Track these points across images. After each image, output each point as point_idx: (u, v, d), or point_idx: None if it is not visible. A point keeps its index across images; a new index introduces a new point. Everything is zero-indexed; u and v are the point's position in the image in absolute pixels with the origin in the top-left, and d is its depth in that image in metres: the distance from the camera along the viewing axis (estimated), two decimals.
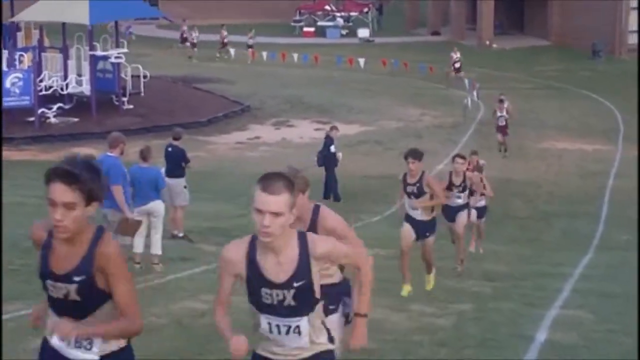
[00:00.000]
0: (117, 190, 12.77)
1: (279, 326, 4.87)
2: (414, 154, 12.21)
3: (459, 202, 15.20)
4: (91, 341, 4.63)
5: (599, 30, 51.03)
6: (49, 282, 4.63)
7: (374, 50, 52.34)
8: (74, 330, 4.53)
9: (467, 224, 16.00)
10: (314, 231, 6.36)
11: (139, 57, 38.17)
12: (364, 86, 41.63)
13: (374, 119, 35.24)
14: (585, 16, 52.23)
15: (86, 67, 32.62)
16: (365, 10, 61.97)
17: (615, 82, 44.58)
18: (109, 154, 13.01)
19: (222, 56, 48.59)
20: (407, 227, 12.62)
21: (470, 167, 17.18)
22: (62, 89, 32.62)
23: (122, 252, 4.71)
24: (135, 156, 14.82)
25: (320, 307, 4.99)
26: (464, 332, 10.43)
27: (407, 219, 12.67)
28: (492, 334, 10.26)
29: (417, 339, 9.96)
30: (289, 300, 4.81)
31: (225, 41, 48.86)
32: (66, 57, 32.98)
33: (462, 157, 15.62)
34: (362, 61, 44.77)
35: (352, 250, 5.28)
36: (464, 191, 15.24)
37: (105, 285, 4.58)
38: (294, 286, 4.80)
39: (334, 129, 25.00)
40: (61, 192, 4.43)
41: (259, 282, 4.82)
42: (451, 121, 35.28)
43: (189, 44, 49.28)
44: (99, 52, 32.88)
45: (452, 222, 15.40)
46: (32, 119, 30.92)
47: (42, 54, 33.13)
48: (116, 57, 32.81)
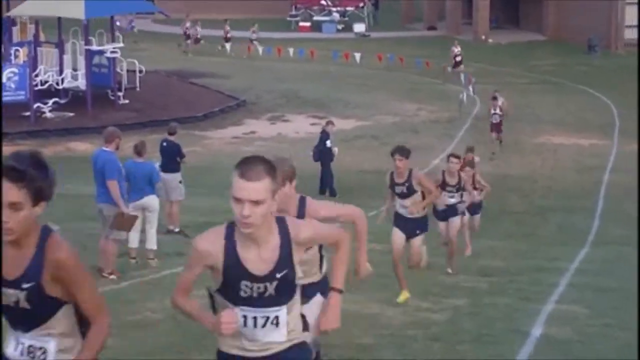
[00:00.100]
0: (112, 185, 12.76)
1: (255, 318, 4.53)
2: (402, 151, 11.54)
3: (452, 201, 14.99)
4: (45, 350, 4.29)
5: (594, 25, 51.03)
6: None
7: (370, 45, 52.30)
8: None
9: (461, 229, 15.90)
10: None
11: (134, 52, 38.13)
12: (360, 81, 41.61)
13: (370, 114, 35.23)
14: (581, 11, 52.22)
15: (82, 61, 32.60)
16: (361, 5, 61.98)
17: (611, 76, 44.57)
18: (105, 149, 13.01)
19: (223, 51, 48.19)
20: (397, 235, 11.95)
21: (462, 164, 17.01)
22: (57, 84, 32.59)
23: (74, 252, 4.28)
24: (130, 151, 14.80)
25: (298, 293, 4.67)
26: (459, 327, 10.43)
27: (397, 219, 12.07)
28: (487, 329, 10.25)
29: (412, 333, 9.95)
30: (270, 291, 4.50)
31: (228, 36, 48.62)
32: (62, 52, 32.95)
33: (457, 157, 15.38)
34: (358, 56, 44.73)
35: (334, 229, 5.00)
36: (457, 191, 15.03)
37: (59, 292, 4.23)
38: (277, 277, 4.49)
39: (330, 123, 25.00)
40: (6, 191, 4.04)
41: (239, 275, 4.47)
42: (447, 116, 35.27)
43: (190, 39, 49.06)
44: (94, 47, 32.85)
45: (443, 221, 15.27)
46: (28, 113, 30.90)
47: (38, 49, 33.11)
48: (112, 52, 32.79)
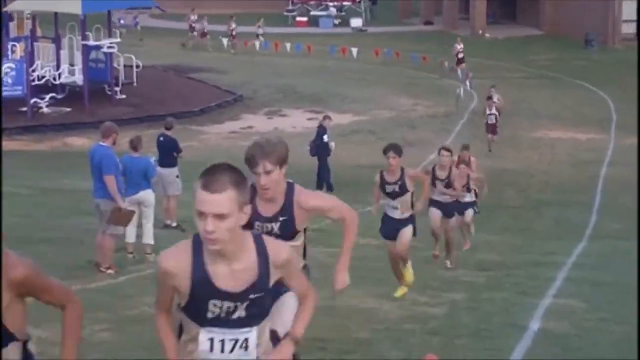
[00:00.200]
0: (109, 180, 12.75)
1: (223, 342, 4.18)
2: (396, 149, 11.21)
3: (445, 197, 14.56)
4: None
5: (592, 19, 51.02)
6: None
7: (367, 40, 52.26)
8: None
9: (458, 227, 15.82)
10: (289, 213, 5.82)
11: (131, 47, 38.08)
12: (357, 76, 41.58)
13: (368, 109, 35.22)
14: (578, 6, 52.19)
15: (79, 57, 32.55)
16: (358, 0, 61.93)
17: (608, 71, 44.58)
18: (102, 144, 12.99)
19: (229, 50, 47.51)
20: (389, 241, 11.67)
21: (457, 162, 16.71)
22: (54, 79, 32.54)
23: (29, 262, 4.04)
24: (128, 146, 14.80)
25: (270, 315, 4.37)
26: (457, 322, 10.44)
27: (385, 221, 11.76)
28: (485, 324, 10.27)
29: (410, 328, 9.96)
30: (240, 312, 4.17)
31: (234, 33, 48.04)
32: (59, 47, 32.89)
33: (448, 150, 14.67)
34: (355, 51, 44.71)
35: (305, 280, 4.55)
36: (449, 187, 14.45)
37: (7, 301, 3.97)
38: (250, 298, 4.15)
39: (327, 118, 25.00)
40: None
41: (208, 293, 4.12)
42: (444, 111, 35.27)
43: (196, 33, 48.68)
44: (91, 42, 32.81)
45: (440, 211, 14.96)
46: (25, 109, 30.87)
47: (35, 44, 33.03)
48: (109, 47, 32.75)
